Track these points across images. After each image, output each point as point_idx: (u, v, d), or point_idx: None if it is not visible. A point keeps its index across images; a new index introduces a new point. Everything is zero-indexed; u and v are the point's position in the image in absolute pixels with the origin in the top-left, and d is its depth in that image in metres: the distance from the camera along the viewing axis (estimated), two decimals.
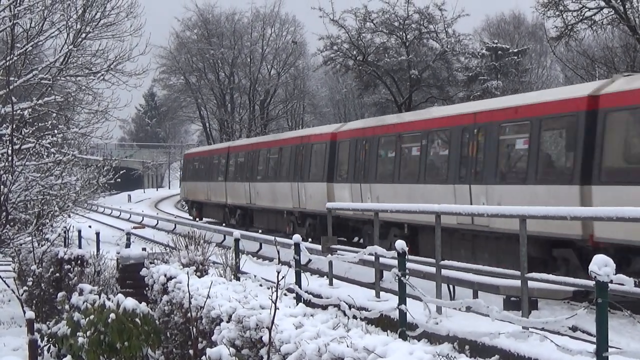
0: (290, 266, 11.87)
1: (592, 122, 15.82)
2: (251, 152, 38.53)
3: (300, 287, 12.68)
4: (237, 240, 18.17)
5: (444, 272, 12.48)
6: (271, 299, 7.38)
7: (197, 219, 47.01)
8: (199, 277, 11.84)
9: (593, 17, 32.80)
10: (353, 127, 28.79)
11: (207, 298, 9.19)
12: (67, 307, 12.45)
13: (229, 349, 7.73)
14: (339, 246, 16.68)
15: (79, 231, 25.54)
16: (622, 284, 7.03)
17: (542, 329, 9.00)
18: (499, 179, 18.77)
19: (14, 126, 16.72)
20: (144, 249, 18.46)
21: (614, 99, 15.53)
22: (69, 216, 27.14)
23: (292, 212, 31.89)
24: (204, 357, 7.94)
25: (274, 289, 7.43)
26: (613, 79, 17.08)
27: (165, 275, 11.57)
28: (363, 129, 27.10)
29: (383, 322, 11.90)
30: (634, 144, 15.33)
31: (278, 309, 7.37)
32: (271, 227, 34.76)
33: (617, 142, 15.56)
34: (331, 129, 30.48)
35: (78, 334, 10.21)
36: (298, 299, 12.45)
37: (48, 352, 12.51)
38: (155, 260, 14.09)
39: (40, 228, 20.14)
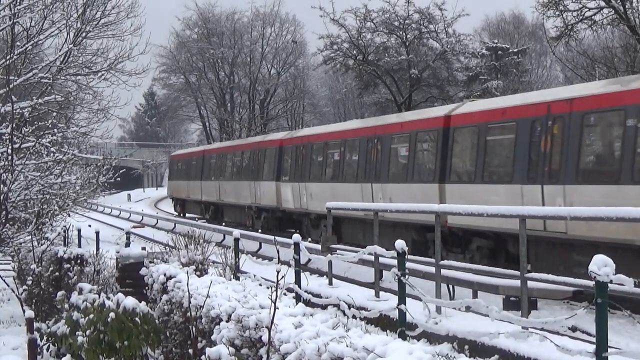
0: (289, 266, 11.87)
1: (446, 136, 20.76)
2: (221, 154, 44.23)
3: (299, 286, 12.68)
4: (236, 240, 18.19)
5: (443, 272, 12.49)
6: (271, 299, 7.38)
7: (181, 215, 52.44)
8: (199, 276, 11.84)
9: (593, 17, 32.74)
10: (296, 135, 33.83)
11: (206, 297, 9.19)
12: (66, 306, 12.45)
13: (228, 349, 7.72)
14: (338, 246, 16.71)
15: (79, 230, 25.49)
16: (622, 284, 7.03)
17: (542, 329, 9.00)
18: (390, 179, 23.67)
19: (14, 125, 16.70)
20: (143, 248, 18.47)
21: (459, 119, 20.59)
22: (69, 215, 27.12)
23: (251, 207, 37.08)
24: (203, 357, 7.94)
25: (273, 289, 7.43)
26: (463, 102, 23.29)
27: (164, 275, 11.57)
28: (301, 136, 32.14)
29: (382, 322, 11.91)
30: (468, 153, 20.24)
31: (277, 308, 7.36)
32: (237, 221, 39.91)
33: (459, 151, 20.70)
34: (279, 136, 35.71)
35: (77, 333, 10.21)
36: (297, 298, 12.45)
37: (47, 351, 12.51)
38: (155, 260, 14.09)
39: (40, 227, 20.13)
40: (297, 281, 12.99)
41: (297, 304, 10.52)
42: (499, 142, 19.16)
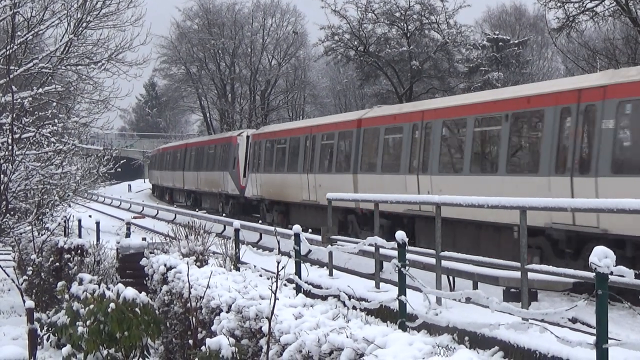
0: (290, 256, 11.86)
1: (358, 135, 25.48)
2: (172, 152, 57.65)
3: (300, 277, 12.67)
4: (237, 231, 18.19)
5: (444, 263, 12.48)
6: (271, 289, 7.37)
7: (155, 193, 67.44)
8: (199, 267, 11.83)
9: (595, 8, 32.73)
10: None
11: (206, 288, 9.19)
12: (66, 296, 12.47)
13: (228, 339, 7.72)
14: (339, 237, 16.70)
15: (79, 221, 25.49)
16: (623, 276, 7.02)
17: (542, 321, 9.00)
18: (325, 170, 28.03)
19: (15, 115, 16.67)
20: (144, 239, 18.48)
21: (367, 122, 25.30)
22: (69, 206, 27.13)
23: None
24: (203, 347, 7.93)
25: (273, 280, 7.42)
26: (372, 109, 27.60)
27: (165, 265, 11.56)
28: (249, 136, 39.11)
29: (383, 313, 11.91)
30: (373, 149, 24.78)
31: (278, 299, 7.36)
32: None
33: (367, 148, 25.14)
34: (233, 134, 41.78)
35: (78, 323, 10.21)
36: (298, 289, 12.45)
37: (48, 342, 12.53)
38: (155, 250, 14.10)
39: (40, 217, 20.13)
40: (298, 272, 12.99)
41: (297, 294, 10.53)
42: None
